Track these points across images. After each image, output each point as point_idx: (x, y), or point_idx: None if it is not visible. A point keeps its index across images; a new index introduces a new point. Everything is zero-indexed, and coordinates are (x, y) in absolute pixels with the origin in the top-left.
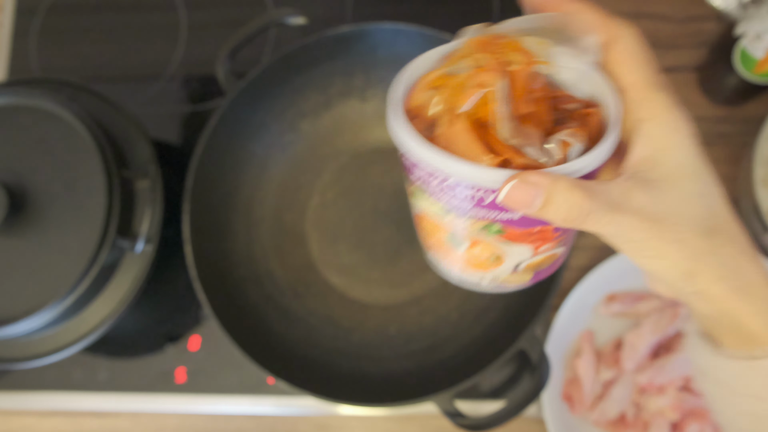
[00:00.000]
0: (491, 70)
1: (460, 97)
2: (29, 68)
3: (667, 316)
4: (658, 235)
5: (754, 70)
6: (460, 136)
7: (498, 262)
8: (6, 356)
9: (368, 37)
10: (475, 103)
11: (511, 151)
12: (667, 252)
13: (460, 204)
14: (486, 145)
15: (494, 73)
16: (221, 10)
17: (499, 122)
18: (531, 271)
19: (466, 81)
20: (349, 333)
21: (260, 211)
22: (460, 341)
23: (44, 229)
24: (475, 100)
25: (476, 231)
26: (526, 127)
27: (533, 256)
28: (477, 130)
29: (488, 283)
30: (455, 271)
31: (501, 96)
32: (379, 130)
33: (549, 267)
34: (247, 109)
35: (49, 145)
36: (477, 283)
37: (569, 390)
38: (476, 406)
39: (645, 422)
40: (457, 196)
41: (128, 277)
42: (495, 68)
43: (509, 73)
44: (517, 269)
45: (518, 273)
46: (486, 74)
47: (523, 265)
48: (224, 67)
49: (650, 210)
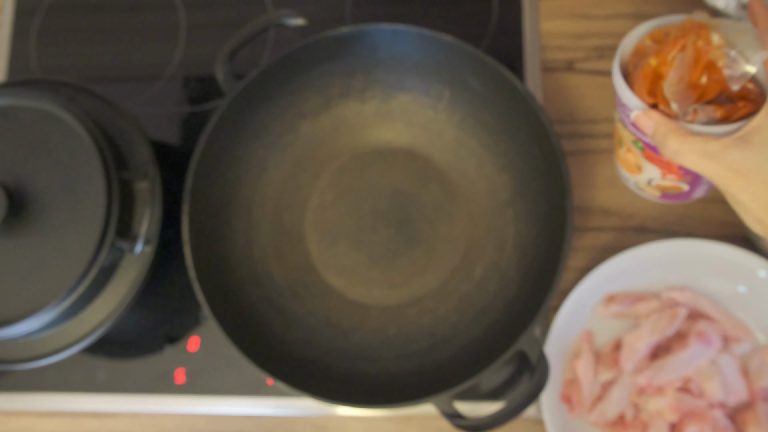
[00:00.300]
0: (681, 44)
1: (657, 52)
2: (28, 69)
3: (666, 317)
4: (741, 180)
5: None
6: (639, 79)
7: (639, 171)
8: (5, 357)
9: (367, 38)
10: (660, 61)
11: (662, 101)
12: (751, 191)
13: (626, 120)
14: (651, 90)
15: (681, 46)
16: (220, 11)
17: (667, 80)
18: (659, 191)
19: (666, 44)
20: (348, 334)
21: (259, 212)
22: (460, 342)
23: (43, 230)
24: (662, 59)
25: (630, 142)
26: (687, 91)
27: (662, 178)
28: (653, 78)
29: (633, 185)
30: (622, 169)
31: (677, 63)
32: (379, 130)
33: (676, 195)
34: (246, 110)
35: (48, 145)
36: (632, 183)
37: (568, 391)
38: (475, 407)
39: (644, 423)
40: (625, 114)
41: (127, 278)
42: (684, 43)
43: (695, 50)
44: (651, 183)
45: (651, 187)
46: (677, 44)
47: (654, 182)
48: (223, 68)
49: (739, 164)
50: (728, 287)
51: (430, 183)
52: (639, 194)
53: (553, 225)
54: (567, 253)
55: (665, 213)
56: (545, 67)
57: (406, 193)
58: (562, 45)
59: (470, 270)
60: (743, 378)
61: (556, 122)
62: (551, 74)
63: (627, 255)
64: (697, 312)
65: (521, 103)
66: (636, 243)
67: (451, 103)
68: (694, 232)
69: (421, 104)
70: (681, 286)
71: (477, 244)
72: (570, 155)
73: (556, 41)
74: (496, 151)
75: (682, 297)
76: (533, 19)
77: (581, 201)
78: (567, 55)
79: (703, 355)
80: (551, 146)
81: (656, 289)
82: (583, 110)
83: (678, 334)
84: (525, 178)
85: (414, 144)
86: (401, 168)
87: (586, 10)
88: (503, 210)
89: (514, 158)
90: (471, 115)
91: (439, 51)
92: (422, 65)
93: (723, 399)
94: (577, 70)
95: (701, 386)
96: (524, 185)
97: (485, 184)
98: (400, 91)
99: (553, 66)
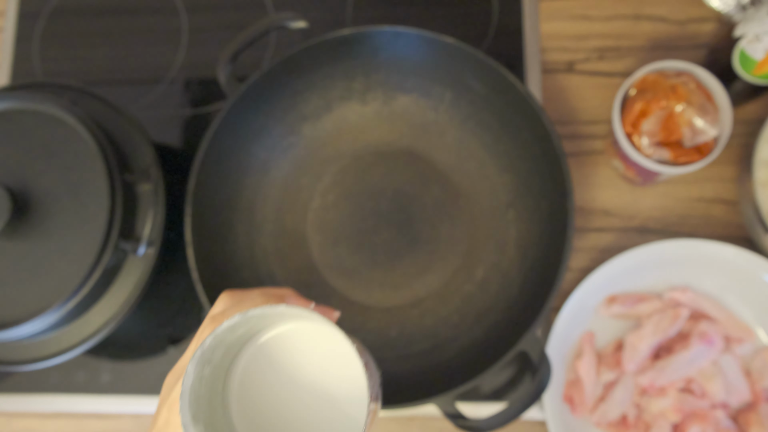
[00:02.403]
0: (663, 105)
1: (646, 101)
2: (32, 72)
3: (668, 318)
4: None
5: (754, 72)
6: (630, 109)
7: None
8: (9, 359)
9: (368, 41)
10: (646, 107)
11: (636, 132)
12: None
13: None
14: (633, 122)
15: (662, 106)
16: (222, 14)
17: (645, 122)
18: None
19: (656, 95)
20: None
21: (262, 214)
22: (461, 343)
23: (47, 232)
24: (648, 107)
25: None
26: (659, 132)
27: (625, 170)
28: (639, 114)
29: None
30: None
31: (656, 116)
32: (380, 132)
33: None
34: (248, 113)
35: (51, 148)
36: (614, 164)
37: (570, 391)
38: (478, 408)
39: (646, 424)
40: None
41: (131, 279)
42: (666, 104)
43: (671, 112)
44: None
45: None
46: (660, 103)
47: (620, 170)
48: (225, 70)
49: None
50: (730, 288)
51: (431, 184)
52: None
53: (555, 226)
54: (568, 254)
55: (666, 214)
56: (545, 68)
57: (407, 195)
58: (563, 46)
59: (472, 271)
60: (745, 378)
61: (557, 123)
62: (551, 75)
63: (628, 255)
64: (698, 312)
65: (522, 104)
66: (637, 243)
67: (452, 104)
68: (695, 233)
69: (422, 106)
70: (683, 286)
71: (478, 245)
72: (570, 156)
73: (557, 42)
74: (497, 152)
75: (684, 297)
76: (533, 20)
77: (582, 202)
78: (567, 56)
79: (706, 355)
80: (552, 147)
81: (658, 289)
82: (583, 111)
83: (680, 335)
84: (526, 179)
85: (415, 145)
86: (402, 169)
87: (586, 11)
88: (504, 211)
89: (515, 159)
90: (472, 117)
91: (440, 53)
92: (423, 67)
93: (725, 399)
94: (577, 71)
95: (703, 387)
96: (525, 186)
97: (486, 185)
98: (401, 92)
99: (553, 67)
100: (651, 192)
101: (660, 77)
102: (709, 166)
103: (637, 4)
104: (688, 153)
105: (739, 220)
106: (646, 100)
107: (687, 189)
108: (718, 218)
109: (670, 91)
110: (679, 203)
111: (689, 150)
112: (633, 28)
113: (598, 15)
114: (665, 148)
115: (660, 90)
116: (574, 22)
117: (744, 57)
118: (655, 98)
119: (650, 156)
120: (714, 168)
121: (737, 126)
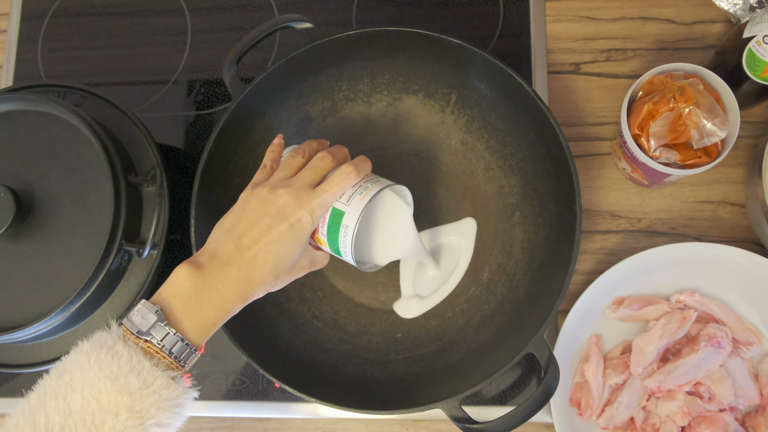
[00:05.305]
0: (672, 106)
1: (654, 102)
2: (36, 74)
3: (675, 321)
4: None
5: (762, 73)
6: (638, 111)
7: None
8: (14, 361)
9: (374, 42)
10: (654, 109)
11: (645, 135)
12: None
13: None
14: (641, 124)
15: (671, 108)
16: (227, 16)
17: (654, 124)
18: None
19: (663, 96)
20: (356, 337)
21: None
22: (468, 345)
23: (52, 233)
24: (656, 108)
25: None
26: (666, 133)
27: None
28: (647, 115)
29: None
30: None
31: (665, 117)
32: (385, 134)
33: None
34: (253, 114)
35: (56, 150)
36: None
37: (577, 395)
38: (485, 411)
39: (654, 427)
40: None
41: (135, 281)
42: (675, 106)
43: (680, 113)
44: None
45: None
46: (668, 104)
47: (627, 171)
48: (230, 71)
49: None
50: (738, 290)
51: (437, 186)
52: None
53: (561, 228)
54: (576, 256)
55: (674, 216)
56: (552, 69)
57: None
58: (569, 47)
59: (478, 273)
60: (754, 382)
61: (563, 124)
62: (558, 77)
63: (636, 258)
64: (706, 315)
65: (529, 105)
66: (644, 246)
67: (457, 105)
68: (703, 235)
69: (427, 107)
70: (690, 289)
71: (484, 247)
72: (577, 158)
73: (563, 44)
74: (503, 154)
75: (692, 300)
76: (540, 21)
77: (589, 204)
78: (574, 57)
79: (714, 358)
80: (560, 148)
81: (665, 292)
82: (590, 113)
83: (687, 338)
84: (532, 180)
85: (421, 147)
86: (408, 171)
87: (592, 12)
88: (511, 213)
89: (521, 161)
90: (478, 118)
91: (446, 54)
92: (429, 68)
93: (734, 403)
94: (583, 72)
95: (712, 390)
96: (532, 188)
97: (492, 187)
98: (406, 94)
99: (559, 68)
100: (658, 194)
101: (667, 79)
102: (717, 168)
103: (644, 6)
104: (695, 155)
105: (746, 223)
106: (653, 102)
107: (694, 191)
108: (726, 220)
109: (677, 92)
110: (686, 205)
111: (697, 152)
112: (640, 30)
113: (605, 16)
114: (673, 150)
115: (667, 92)
116: (581, 23)
117: (752, 58)
118: (662, 100)
119: (658, 158)
120: (721, 170)
121: (745, 128)
